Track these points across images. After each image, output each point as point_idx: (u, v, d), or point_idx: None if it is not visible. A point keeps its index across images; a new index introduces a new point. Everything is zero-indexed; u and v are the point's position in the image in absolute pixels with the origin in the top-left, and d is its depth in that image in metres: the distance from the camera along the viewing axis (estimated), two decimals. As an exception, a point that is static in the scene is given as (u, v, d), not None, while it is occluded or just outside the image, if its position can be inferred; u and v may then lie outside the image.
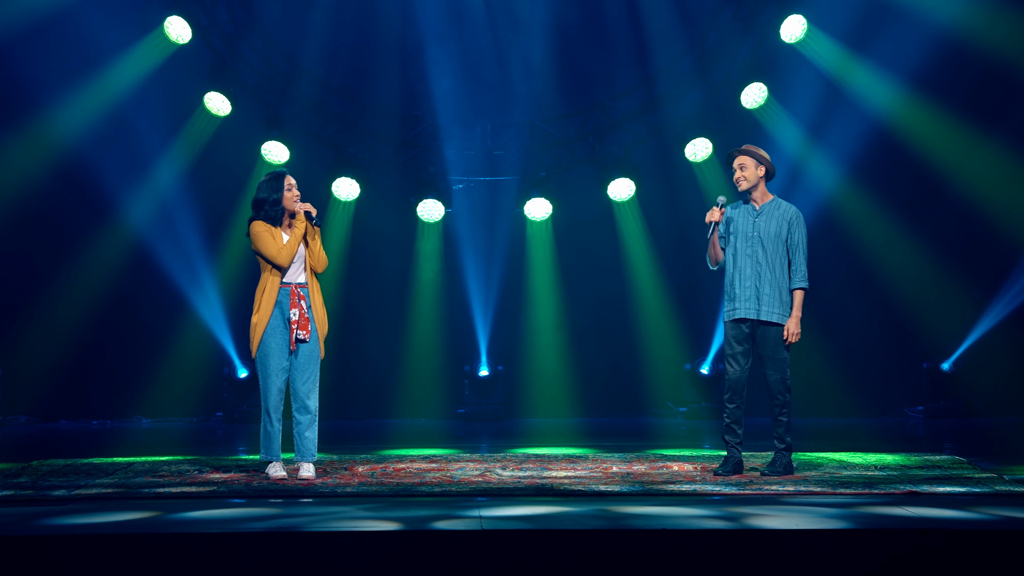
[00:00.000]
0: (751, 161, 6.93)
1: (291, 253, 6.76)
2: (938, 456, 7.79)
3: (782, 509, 5.48)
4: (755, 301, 6.84)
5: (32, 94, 11.92)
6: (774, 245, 6.87)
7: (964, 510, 5.41)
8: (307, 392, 6.81)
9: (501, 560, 4.65)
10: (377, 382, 13.02)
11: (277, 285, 6.78)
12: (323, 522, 5.16)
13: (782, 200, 7.01)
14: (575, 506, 5.62)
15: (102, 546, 4.68)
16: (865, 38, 12.15)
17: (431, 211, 12.74)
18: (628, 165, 12.61)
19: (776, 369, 6.83)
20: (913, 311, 12.61)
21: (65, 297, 12.40)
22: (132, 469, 7.33)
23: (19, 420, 12.43)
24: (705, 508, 5.54)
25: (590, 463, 7.59)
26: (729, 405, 6.87)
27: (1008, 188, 12.12)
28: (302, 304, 6.78)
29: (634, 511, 5.43)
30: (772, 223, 6.89)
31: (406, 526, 4.98)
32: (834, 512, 5.34)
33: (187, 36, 11.81)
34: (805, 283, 6.92)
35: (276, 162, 12.15)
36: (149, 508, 5.64)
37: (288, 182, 6.85)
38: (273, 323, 6.76)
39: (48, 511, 5.57)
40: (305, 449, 6.82)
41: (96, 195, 12.29)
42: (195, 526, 5.16)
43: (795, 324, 6.86)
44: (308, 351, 6.80)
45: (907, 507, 5.49)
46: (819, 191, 12.61)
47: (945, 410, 12.45)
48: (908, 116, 12.31)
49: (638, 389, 13.10)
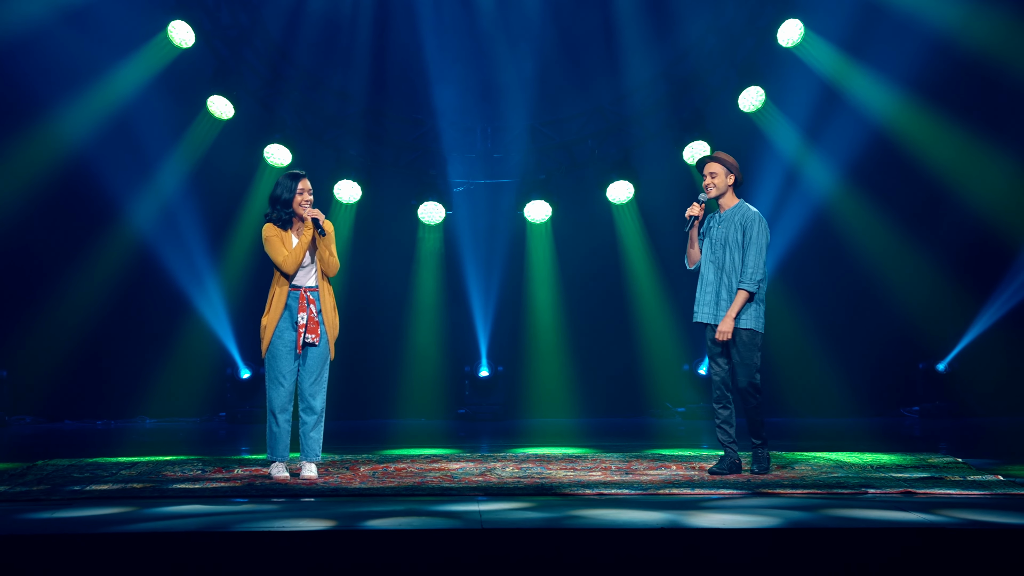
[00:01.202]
0: (721, 169, 6.93)
1: (296, 261, 6.74)
2: (934, 456, 7.78)
3: (779, 509, 5.47)
4: (714, 306, 6.84)
5: (37, 97, 11.92)
6: (732, 250, 6.83)
7: (960, 510, 5.41)
8: (313, 393, 6.80)
9: (501, 558, 4.64)
10: (378, 383, 13.01)
11: (287, 288, 6.78)
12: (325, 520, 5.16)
13: (748, 206, 6.96)
14: (574, 505, 5.61)
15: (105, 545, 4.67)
16: (861, 42, 12.16)
17: (432, 213, 12.74)
18: (627, 168, 12.61)
19: (744, 373, 6.81)
20: (909, 312, 12.60)
21: (70, 299, 12.39)
22: (136, 469, 7.32)
23: (24, 420, 12.43)
24: (703, 507, 5.54)
25: (589, 463, 7.59)
26: (716, 405, 6.91)
27: (1004, 191, 12.12)
28: (311, 308, 6.76)
29: (632, 510, 5.42)
30: (730, 228, 6.87)
31: (407, 525, 4.97)
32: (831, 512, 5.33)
33: (191, 40, 11.81)
34: (747, 285, 6.73)
35: (279, 165, 12.15)
36: (150, 507, 5.63)
37: (301, 186, 6.80)
38: (282, 325, 6.76)
39: (52, 510, 5.56)
40: (309, 449, 6.81)
41: (101, 197, 12.28)
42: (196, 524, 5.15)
43: (727, 323, 6.74)
44: (317, 353, 6.79)
45: (903, 507, 5.49)
46: (816, 194, 12.62)
47: (941, 410, 12.44)
48: (904, 120, 12.31)
49: (637, 390, 13.09)
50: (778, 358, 12.36)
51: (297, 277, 6.79)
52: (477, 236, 13.16)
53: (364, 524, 5.06)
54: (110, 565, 4.57)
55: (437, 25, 12.79)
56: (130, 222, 12.43)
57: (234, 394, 12.58)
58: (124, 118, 12.08)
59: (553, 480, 6.64)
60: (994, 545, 4.65)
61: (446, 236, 13.12)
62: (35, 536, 4.81)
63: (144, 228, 12.47)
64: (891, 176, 12.72)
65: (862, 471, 7.01)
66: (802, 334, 12.67)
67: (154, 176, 12.40)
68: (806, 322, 12.72)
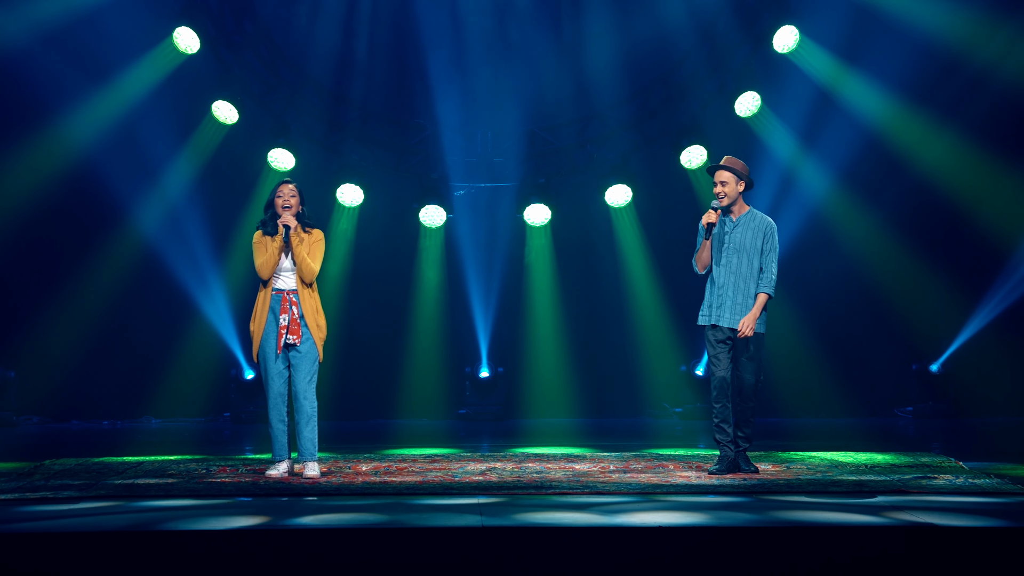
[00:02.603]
0: (732, 177, 7.00)
1: (267, 265, 6.79)
2: (927, 456, 7.79)
3: (774, 506, 5.47)
4: (728, 309, 6.88)
5: (45, 103, 11.93)
6: (749, 255, 6.90)
7: (952, 508, 5.41)
8: (303, 393, 6.84)
9: (502, 555, 4.65)
10: (380, 383, 13.01)
11: (270, 292, 6.83)
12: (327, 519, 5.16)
13: (757, 211, 7.05)
14: (573, 503, 5.61)
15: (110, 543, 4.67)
16: (856, 49, 12.18)
17: (433, 217, 12.74)
18: (625, 172, 12.61)
19: (750, 372, 6.89)
20: (903, 314, 12.61)
21: (76, 301, 12.40)
22: (141, 468, 7.33)
23: (32, 420, 12.43)
24: (701, 506, 5.54)
25: (588, 462, 7.59)
26: (716, 405, 6.93)
27: (995, 195, 12.12)
28: (293, 310, 6.80)
29: (630, 508, 5.42)
30: (748, 234, 6.93)
31: (408, 523, 4.97)
32: (826, 510, 5.33)
33: (196, 46, 11.82)
34: (770, 289, 6.88)
35: (282, 169, 12.16)
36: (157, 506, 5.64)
37: (279, 191, 6.86)
38: (268, 329, 6.82)
39: (59, 509, 5.56)
40: (304, 448, 6.84)
41: (107, 201, 12.29)
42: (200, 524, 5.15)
43: (750, 321, 6.82)
44: (304, 354, 6.81)
45: (896, 504, 5.49)
46: (811, 197, 12.63)
47: (934, 411, 12.44)
48: (897, 124, 12.33)
49: (635, 390, 13.10)
50: (775, 360, 12.36)
51: (279, 281, 6.84)
52: (477, 239, 13.16)
53: (363, 522, 5.06)
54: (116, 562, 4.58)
55: (438, 31, 12.80)
56: (136, 225, 12.44)
57: (238, 395, 12.59)
58: (131, 123, 12.10)
59: (552, 479, 6.64)
60: (985, 542, 4.65)
61: (447, 239, 13.12)
62: (42, 534, 4.81)
63: (150, 231, 12.48)
64: (885, 179, 12.73)
65: (856, 470, 7.02)
66: (798, 336, 12.67)
67: (160, 180, 12.41)
68: (802, 324, 12.72)
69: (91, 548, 4.63)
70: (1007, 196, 12.08)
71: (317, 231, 6.95)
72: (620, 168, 12.63)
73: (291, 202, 6.84)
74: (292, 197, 6.85)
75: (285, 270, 6.84)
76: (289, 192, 6.85)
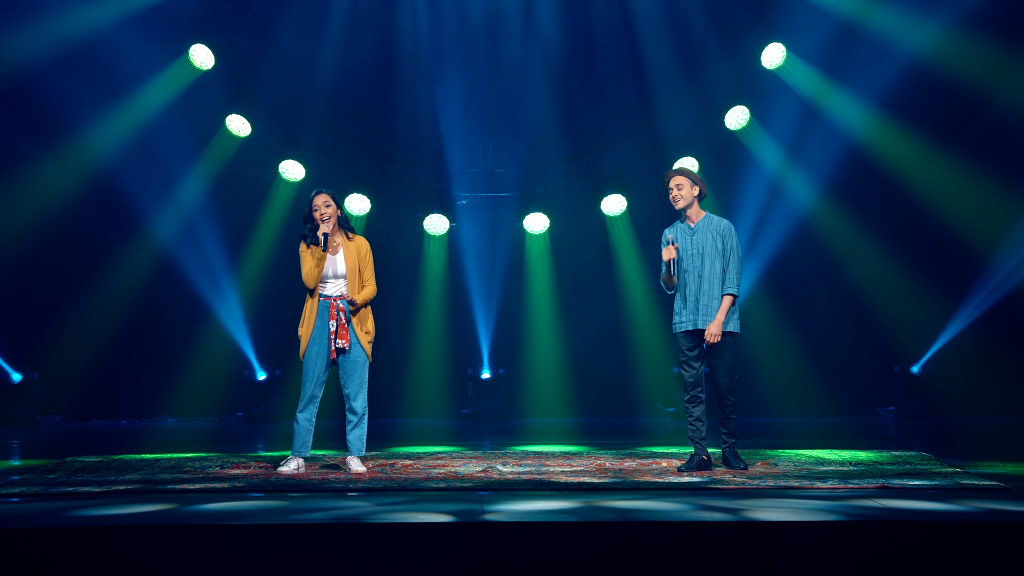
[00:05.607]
0: (687, 181, 6.98)
1: (310, 276, 6.81)
2: (908, 453, 7.79)
3: (765, 503, 5.48)
4: (696, 312, 6.83)
5: (67, 117, 11.98)
6: (711, 258, 6.85)
7: (932, 502, 5.42)
8: (354, 394, 6.92)
9: (503, 550, 4.66)
10: (386, 384, 13.01)
11: (317, 299, 6.86)
12: (335, 514, 5.16)
13: (714, 216, 7.00)
14: (571, 499, 5.62)
15: (130, 537, 4.69)
16: (840, 65, 12.21)
17: (437, 225, 12.77)
18: (620, 182, 12.64)
19: (724, 374, 6.83)
20: (885, 317, 12.62)
21: (97, 306, 12.42)
22: (159, 465, 7.34)
23: (54, 419, 12.45)
24: (699, 504, 5.55)
25: (585, 459, 7.60)
26: (688, 406, 6.88)
27: (973, 203, 12.13)
28: (341, 316, 6.84)
29: (626, 504, 5.43)
30: (708, 238, 6.89)
31: (412, 519, 4.98)
32: (811, 505, 5.34)
33: (210, 63, 11.86)
34: (733, 289, 6.79)
35: (293, 180, 12.19)
36: (173, 501, 5.65)
37: (313, 203, 6.89)
38: (315, 334, 6.85)
39: (80, 504, 5.58)
40: (351, 445, 6.94)
41: (126, 210, 12.34)
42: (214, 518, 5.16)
43: (716, 327, 6.74)
44: (353, 357, 6.86)
45: (879, 499, 5.50)
46: (797, 206, 12.66)
47: (915, 410, 12.45)
48: (880, 136, 12.36)
49: (629, 391, 13.11)
50: (761, 361, 12.39)
51: (327, 288, 6.86)
52: (479, 246, 13.19)
53: (374, 517, 5.07)
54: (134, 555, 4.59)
55: (442, 47, 12.83)
56: (154, 233, 12.48)
57: (251, 395, 12.60)
58: (148, 136, 12.15)
59: (551, 476, 6.65)
60: (963, 535, 4.67)
61: (450, 246, 13.15)
62: (64, 528, 4.82)
63: (167, 238, 12.52)
64: (868, 189, 12.75)
65: (841, 466, 7.02)
66: (784, 338, 12.69)
67: (176, 190, 12.45)
68: (788, 327, 12.74)
69: (112, 541, 4.64)
70: (985, 205, 12.08)
71: (362, 241, 6.98)
72: (615, 178, 12.66)
73: (327, 212, 6.85)
74: (327, 207, 6.86)
75: (330, 277, 6.86)
76: (323, 202, 6.87)
